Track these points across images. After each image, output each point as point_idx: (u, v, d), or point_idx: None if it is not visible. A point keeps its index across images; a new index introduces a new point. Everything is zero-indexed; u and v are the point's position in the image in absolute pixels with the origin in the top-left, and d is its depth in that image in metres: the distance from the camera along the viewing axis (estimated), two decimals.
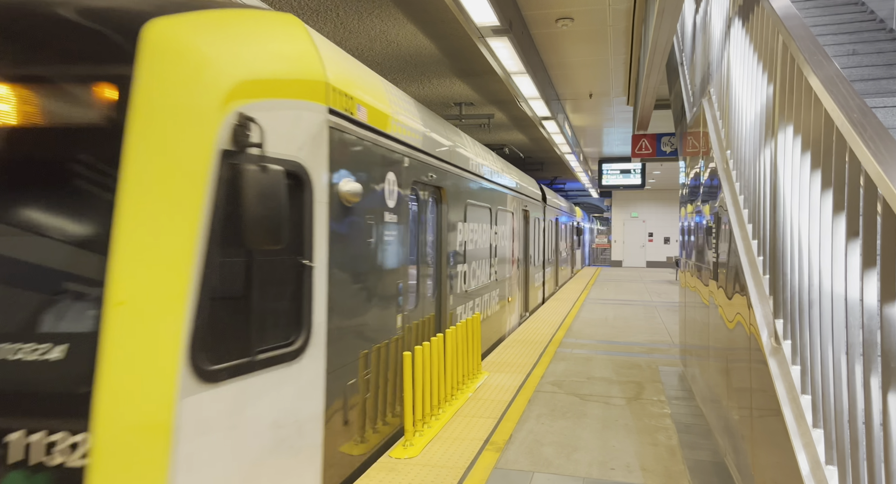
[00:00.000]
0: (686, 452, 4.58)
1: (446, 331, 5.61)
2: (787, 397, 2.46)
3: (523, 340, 9.24)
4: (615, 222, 30.36)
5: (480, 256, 7.84)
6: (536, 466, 4.32)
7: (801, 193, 2.41)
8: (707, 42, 5.05)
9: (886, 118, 3.59)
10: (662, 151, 12.67)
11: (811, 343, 2.27)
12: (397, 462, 4.31)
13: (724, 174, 4.14)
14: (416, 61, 9.25)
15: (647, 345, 9.04)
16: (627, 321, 11.41)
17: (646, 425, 5.21)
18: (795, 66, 2.50)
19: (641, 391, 6.35)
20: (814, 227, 2.26)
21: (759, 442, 3.00)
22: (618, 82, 10.76)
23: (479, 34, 6.32)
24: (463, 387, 6.19)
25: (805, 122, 2.39)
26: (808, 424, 2.27)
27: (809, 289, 2.29)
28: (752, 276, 3.20)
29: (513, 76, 8.08)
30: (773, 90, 2.88)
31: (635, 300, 15.04)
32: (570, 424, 5.22)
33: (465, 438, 4.82)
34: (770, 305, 2.87)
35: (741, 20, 3.70)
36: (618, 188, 18.42)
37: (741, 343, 3.46)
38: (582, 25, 7.79)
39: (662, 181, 26.19)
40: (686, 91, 6.61)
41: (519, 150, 18.59)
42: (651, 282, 20.68)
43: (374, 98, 4.33)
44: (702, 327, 5.39)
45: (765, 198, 3.01)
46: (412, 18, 7.42)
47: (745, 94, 3.52)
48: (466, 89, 11.00)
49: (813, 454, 2.18)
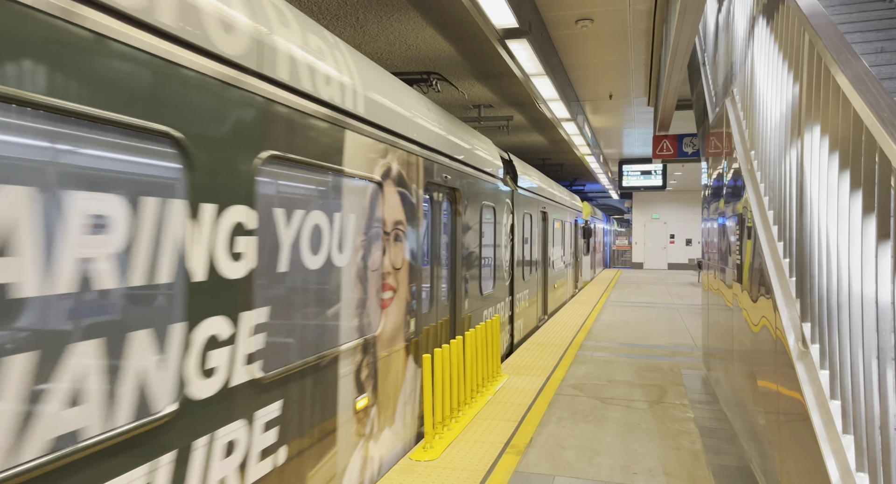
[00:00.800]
0: (710, 457, 4.51)
1: (465, 333, 5.61)
2: (816, 402, 2.41)
3: (543, 342, 9.19)
4: (636, 224, 30.06)
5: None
6: (557, 469, 4.29)
7: (829, 194, 2.36)
8: (730, 41, 4.98)
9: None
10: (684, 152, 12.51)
11: (840, 347, 2.22)
12: (417, 464, 4.31)
13: (749, 175, 4.08)
14: (435, 64, 9.27)
15: (670, 348, 8.93)
16: (649, 324, 11.29)
17: (668, 429, 5.15)
18: (822, 64, 2.45)
19: (664, 395, 6.27)
20: (842, 229, 2.22)
21: (787, 447, 2.94)
22: (638, 83, 10.66)
23: (497, 36, 6.31)
24: (482, 389, 6.17)
25: (833, 121, 2.35)
26: (837, 429, 2.22)
27: (838, 292, 2.24)
28: (778, 278, 3.15)
29: (532, 78, 8.06)
30: (799, 89, 2.83)
31: (657, 302, 14.87)
32: (591, 428, 5.17)
33: (485, 441, 4.81)
34: (797, 307, 2.81)
35: (765, 19, 3.65)
36: (638, 189, 18.23)
37: (767, 346, 3.40)
38: (602, 26, 7.74)
39: (684, 182, 25.88)
40: (708, 91, 6.52)
41: (538, 152, 18.51)
42: (673, 284, 20.43)
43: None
44: (725, 330, 5.31)
45: (791, 199, 2.95)
46: (431, 21, 7.44)
47: (770, 93, 3.46)
48: (485, 91, 10.99)
49: (843, 461, 2.13)
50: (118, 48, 2.02)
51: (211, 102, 2.45)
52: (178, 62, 2.27)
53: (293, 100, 3.03)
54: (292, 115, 3.02)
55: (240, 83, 2.63)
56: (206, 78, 2.42)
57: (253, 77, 2.73)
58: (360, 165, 3.79)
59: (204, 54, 2.42)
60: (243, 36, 2.65)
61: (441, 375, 4.81)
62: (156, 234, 2.21)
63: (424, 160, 4.97)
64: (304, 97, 3.14)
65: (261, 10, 2.83)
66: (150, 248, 2.19)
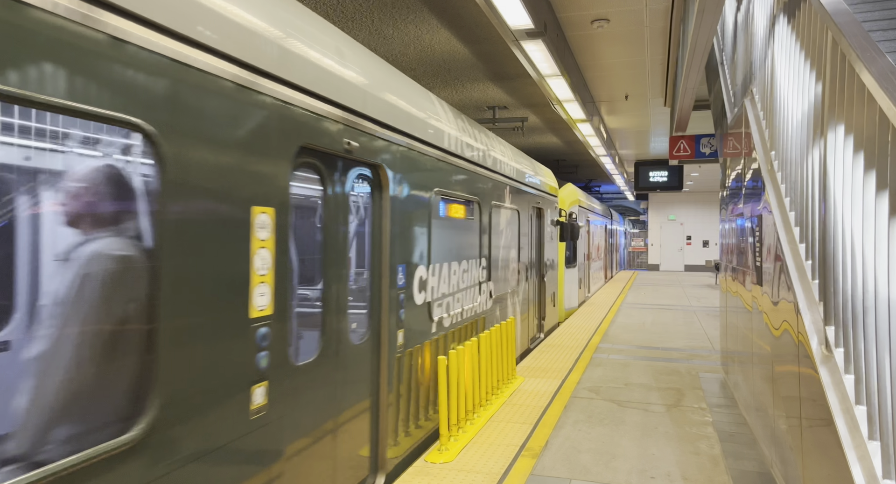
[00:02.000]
0: (730, 462, 4.44)
1: (480, 335, 5.59)
2: (841, 408, 2.36)
3: (558, 344, 9.13)
4: (652, 225, 29.81)
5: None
6: (574, 473, 4.25)
7: (854, 195, 2.32)
8: (749, 40, 4.92)
9: None
10: (701, 153, 12.38)
11: (866, 351, 2.18)
12: (432, 466, 4.30)
13: (769, 175, 4.02)
14: (449, 66, 9.27)
15: (687, 351, 8.83)
16: (666, 326, 11.18)
17: (687, 433, 5.08)
18: (847, 62, 2.41)
19: (681, 398, 6.20)
20: (868, 230, 2.17)
21: (810, 453, 2.89)
22: (655, 84, 10.58)
23: (513, 37, 6.29)
24: (498, 392, 6.15)
25: (857, 120, 2.30)
26: (863, 435, 2.17)
27: (864, 295, 2.19)
28: (800, 280, 3.09)
29: (547, 79, 8.02)
30: (821, 88, 2.78)
31: (674, 305, 14.73)
32: (607, 431, 5.13)
33: (501, 444, 4.78)
34: (820, 311, 2.76)
35: (786, 17, 3.59)
36: (655, 190, 18.06)
37: (788, 350, 3.34)
38: (618, 26, 7.69)
39: (701, 183, 25.61)
40: (727, 91, 6.45)
41: (553, 153, 18.44)
42: (690, 286, 20.22)
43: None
44: (745, 333, 5.23)
45: (813, 200, 2.90)
46: (446, 23, 7.44)
47: (791, 92, 3.41)
48: (500, 93, 10.97)
49: (869, 467, 2.08)
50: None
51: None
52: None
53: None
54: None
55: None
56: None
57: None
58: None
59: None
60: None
61: (457, 377, 4.80)
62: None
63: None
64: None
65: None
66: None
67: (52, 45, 1.80)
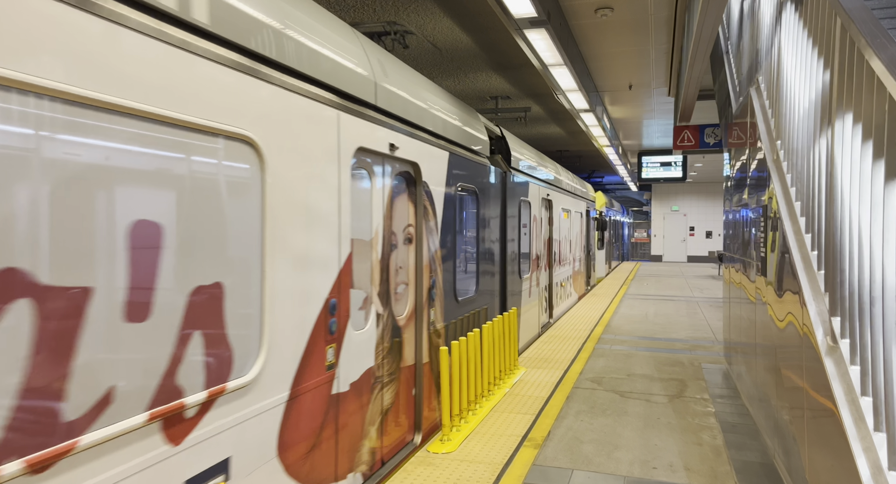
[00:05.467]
0: (732, 453, 4.44)
1: (483, 325, 5.58)
2: (846, 399, 2.34)
3: (560, 335, 9.14)
4: (655, 216, 29.73)
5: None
6: (576, 463, 4.25)
7: (862, 184, 2.29)
8: (755, 28, 4.86)
9: None
10: (706, 143, 12.30)
11: (873, 342, 2.15)
12: (435, 456, 4.30)
13: (774, 165, 3.98)
14: (452, 56, 9.21)
15: (690, 342, 8.82)
16: (668, 317, 11.17)
17: (689, 424, 5.08)
18: (856, 49, 2.37)
19: (684, 389, 6.19)
20: (876, 221, 2.14)
21: (814, 444, 2.87)
22: (659, 73, 10.49)
23: (516, 26, 6.23)
24: (499, 382, 6.15)
25: (866, 108, 2.26)
26: (868, 427, 2.15)
27: (871, 286, 2.17)
28: (806, 271, 3.07)
29: (550, 68, 7.96)
30: (829, 76, 2.74)
31: (677, 296, 14.71)
32: (610, 422, 5.13)
33: (503, 434, 4.78)
34: (825, 302, 2.74)
35: (794, 4, 3.54)
36: (658, 181, 17.98)
37: (793, 341, 3.32)
38: (622, 15, 7.61)
39: (704, 174, 25.51)
40: (732, 80, 6.38)
41: (556, 143, 18.37)
42: (693, 277, 20.19)
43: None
44: (748, 324, 5.22)
45: (820, 190, 2.87)
46: (449, 13, 7.37)
47: (798, 81, 3.36)
48: (503, 83, 10.89)
49: (874, 459, 2.07)
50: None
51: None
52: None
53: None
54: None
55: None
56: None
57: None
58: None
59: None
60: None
61: (459, 367, 4.79)
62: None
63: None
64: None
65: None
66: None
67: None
